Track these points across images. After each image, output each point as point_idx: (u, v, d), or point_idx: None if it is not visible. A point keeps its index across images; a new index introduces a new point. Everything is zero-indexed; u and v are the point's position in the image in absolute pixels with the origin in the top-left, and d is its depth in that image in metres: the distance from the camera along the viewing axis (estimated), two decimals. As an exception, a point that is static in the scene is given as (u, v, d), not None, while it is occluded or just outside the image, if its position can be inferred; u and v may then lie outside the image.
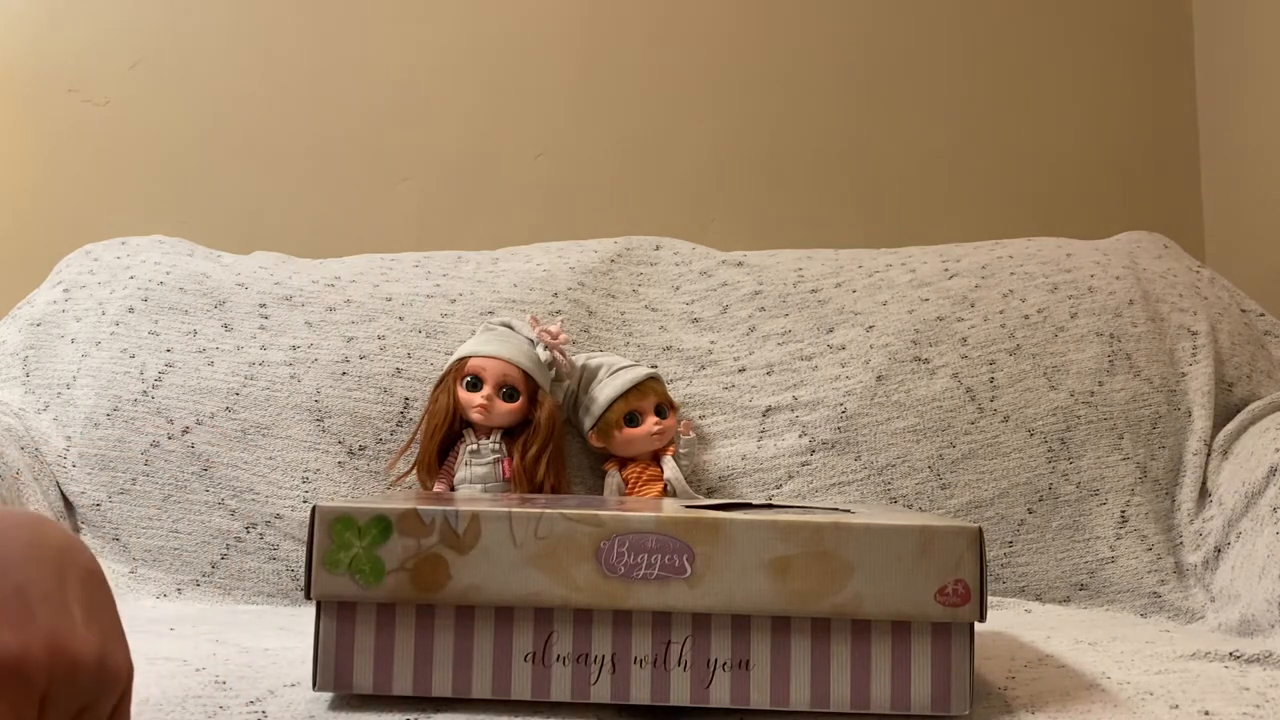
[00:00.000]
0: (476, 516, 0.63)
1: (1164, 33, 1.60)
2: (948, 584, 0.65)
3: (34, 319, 1.16)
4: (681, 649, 0.64)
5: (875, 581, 0.65)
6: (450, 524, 0.63)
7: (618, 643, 0.64)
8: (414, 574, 0.62)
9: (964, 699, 0.65)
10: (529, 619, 0.63)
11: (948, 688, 0.65)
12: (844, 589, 0.64)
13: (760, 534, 0.64)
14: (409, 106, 1.49)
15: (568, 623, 0.64)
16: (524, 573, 0.63)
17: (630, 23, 1.53)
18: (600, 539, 0.63)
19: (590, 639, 0.64)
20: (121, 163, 1.45)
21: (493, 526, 0.63)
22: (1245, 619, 0.94)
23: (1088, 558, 1.09)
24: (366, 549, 0.63)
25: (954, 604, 0.65)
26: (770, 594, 0.64)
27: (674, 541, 0.64)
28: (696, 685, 0.64)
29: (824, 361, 1.17)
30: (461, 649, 0.63)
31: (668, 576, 0.63)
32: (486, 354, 1.06)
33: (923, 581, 0.65)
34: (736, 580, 0.64)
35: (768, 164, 1.54)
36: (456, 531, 0.63)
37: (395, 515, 0.63)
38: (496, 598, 0.63)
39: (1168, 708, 0.66)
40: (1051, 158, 1.58)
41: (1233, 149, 1.53)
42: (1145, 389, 1.16)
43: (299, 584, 1.04)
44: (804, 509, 0.78)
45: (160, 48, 1.46)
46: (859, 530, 0.65)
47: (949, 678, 0.66)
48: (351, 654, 0.63)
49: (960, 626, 0.66)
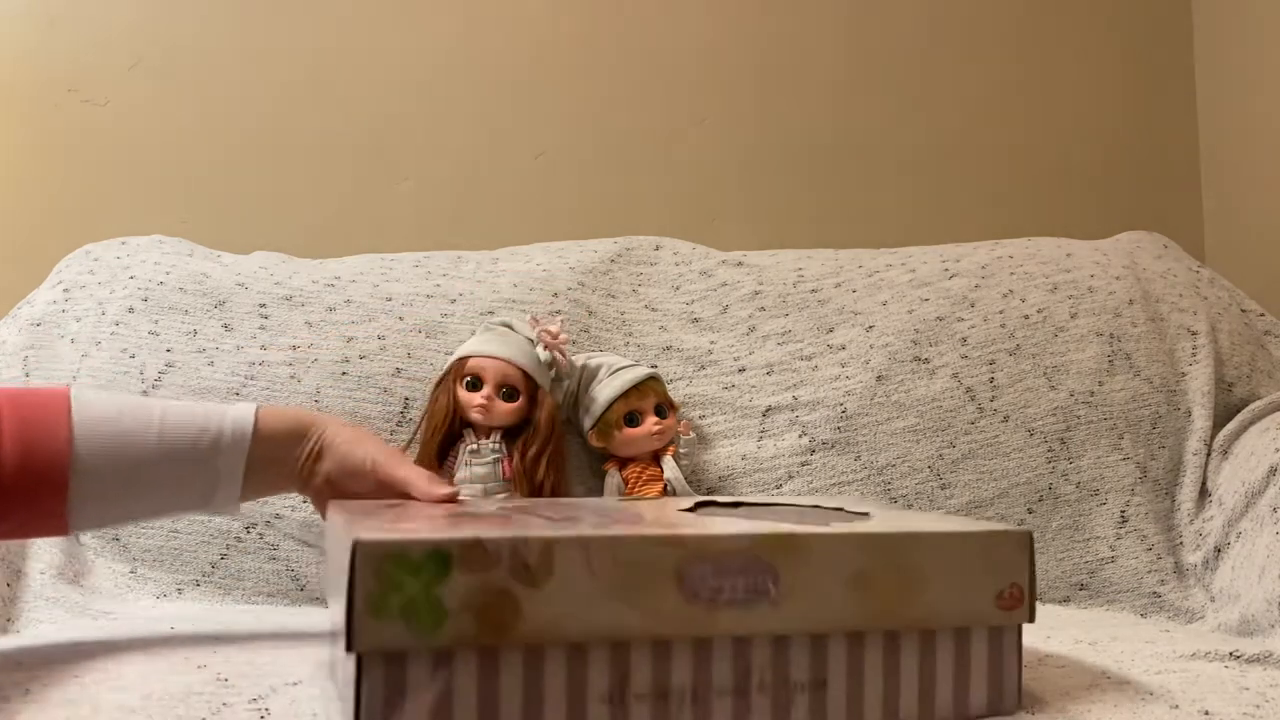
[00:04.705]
0: (549, 545, 0.56)
1: (1164, 33, 1.60)
2: (1005, 588, 0.65)
3: (34, 319, 1.16)
4: (762, 673, 0.60)
5: (946, 590, 0.64)
6: (520, 554, 0.56)
7: (698, 674, 0.59)
8: (480, 615, 0.55)
9: (1014, 698, 0.65)
10: (604, 655, 0.58)
11: (1001, 688, 0.65)
12: (919, 600, 0.63)
13: (840, 548, 0.61)
14: (409, 107, 1.49)
15: (646, 656, 0.58)
16: (602, 604, 0.57)
17: (630, 22, 1.53)
18: (683, 562, 0.58)
19: (670, 672, 0.59)
20: (121, 163, 1.45)
21: (568, 555, 0.56)
22: (1245, 619, 0.94)
23: (1087, 558, 1.09)
24: (424, 589, 0.54)
25: (1010, 607, 0.65)
26: (850, 609, 0.61)
27: (759, 562, 0.59)
28: (778, 711, 0.61)
29: (824, 361, 1.17)
30: (531, 695, 0.56)
31: (752, 599, 0.59)
32: (486, 354, 1.06)
33: (985, 587, 0.65)
34: (818, 598, 0.61)
35: (768, 164, 1.54)
36: (527, 563, 0.56)
37: (456, 547, 0.55)
38: (572, 635, 0.56)
39: (1168, 708, 0.66)
40: (1051, 158, 1.58)
41: (1233, 149, 1.53)
42: (1145, 389, 1.16)
43: (299, 584, 1.04)
44: (812, 508, 0.78)
45: (160, 48, 1.46)
46: (933, 539, 0.63)
47: (1001, 679, 0.65)
48: (402, 709, 0.54)
49: (1012, 628, 0.66)
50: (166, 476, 0.75)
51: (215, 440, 0.75)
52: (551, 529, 0.59)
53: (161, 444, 0.74)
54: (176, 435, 0.74)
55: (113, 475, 0.73)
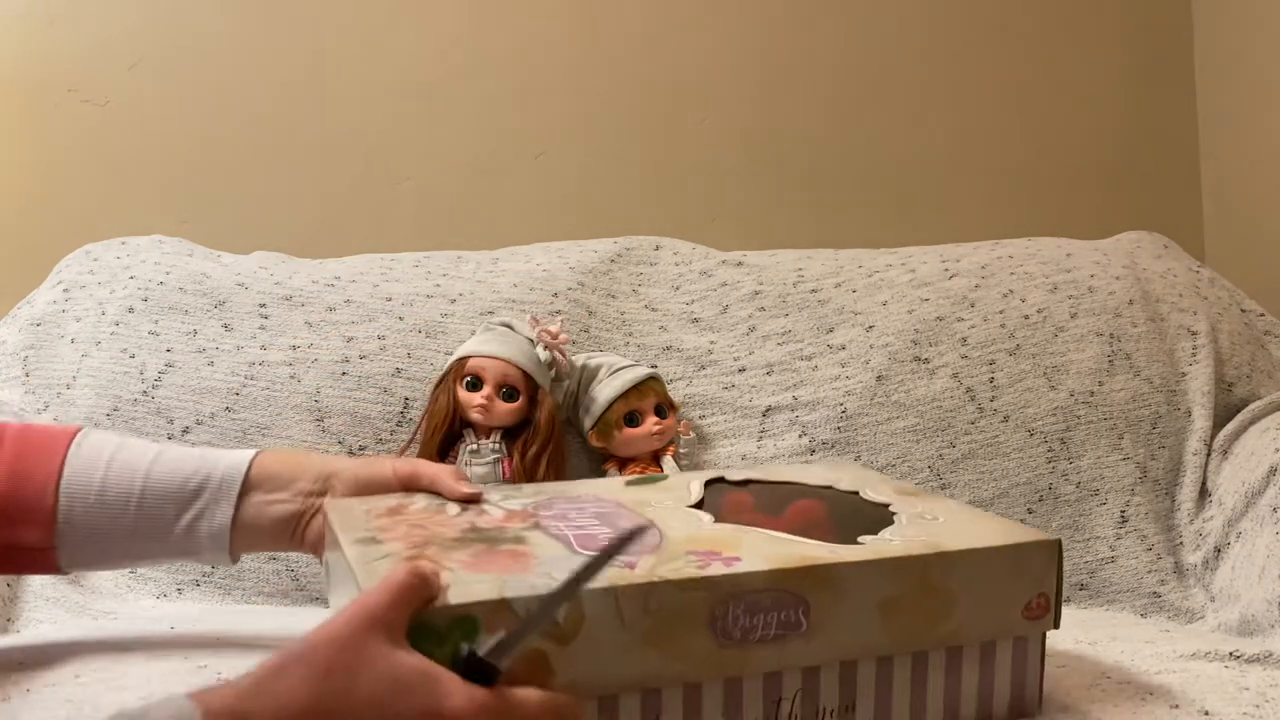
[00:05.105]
0: (578, 601, 0.54)
1: (1164, 33, 1.60)
2: (1032, 598, 0.65)
3: (34, 319, 1.15)
4: (792, 704, 0.59)
5: (975, 608, 0.63)
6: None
7: (729, 711, 0.58)
8: (510, 678, 0.52)
9: (1035, 702, 0.65)
10: (635, 703, 0.56)
11: (1023, 692, 0.65)
12: (948, 619, 0.62)
13: (870, 575, 0.60)
14: (409, 107, 1.49)
15: (677, 700, 0.57)
16: (634, 654, 0.55)
17: (630, 22, 1.52)
18: (716, 605, 0.57)
19: (700, 712, 0.57)
20: (121, 163, 1.45)
21: (598, 608, 0.54)
22: (1245, 619, 0.94)
23: (1088, 558, 1.09)
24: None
25: (1036, 616, 0.65)
26: (880, 634, 0.61)
27: (789, 595, 0.58)
28: None
29: (824, 361, 1.17)
30: None
31: (785, 634, 0.58)
32: (486, 354, 1.06)
33: (1014, 600, 0.64)
34: (849, 626, 0.60)
35: (768, 164, 1.54)
36: (556, 619, 0.54)
37: (482, 612, 0.53)
38: (605, 688, 0.55)
39: (1168, 708, 0.66)
40: (1052, 158, 1.58)
41: (1233, 149, 1.53)
42: (1145, 389, 1.16)
43: (299, 584, 1.04)
44: (826, 489, 0.76)
45: (160, 48, 1.46)
46: (962, 558, 0.62)
47: (1025, 683, 0.65)
48: None
49: (1036, 636, 0.65)
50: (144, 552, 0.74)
51: (193, 523, 0.73)
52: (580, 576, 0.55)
53: (140, 518, 0.72)
54: (155, 510, 0.72)
55: (97, 543, 0.72)
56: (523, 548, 0.61)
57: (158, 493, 0.72)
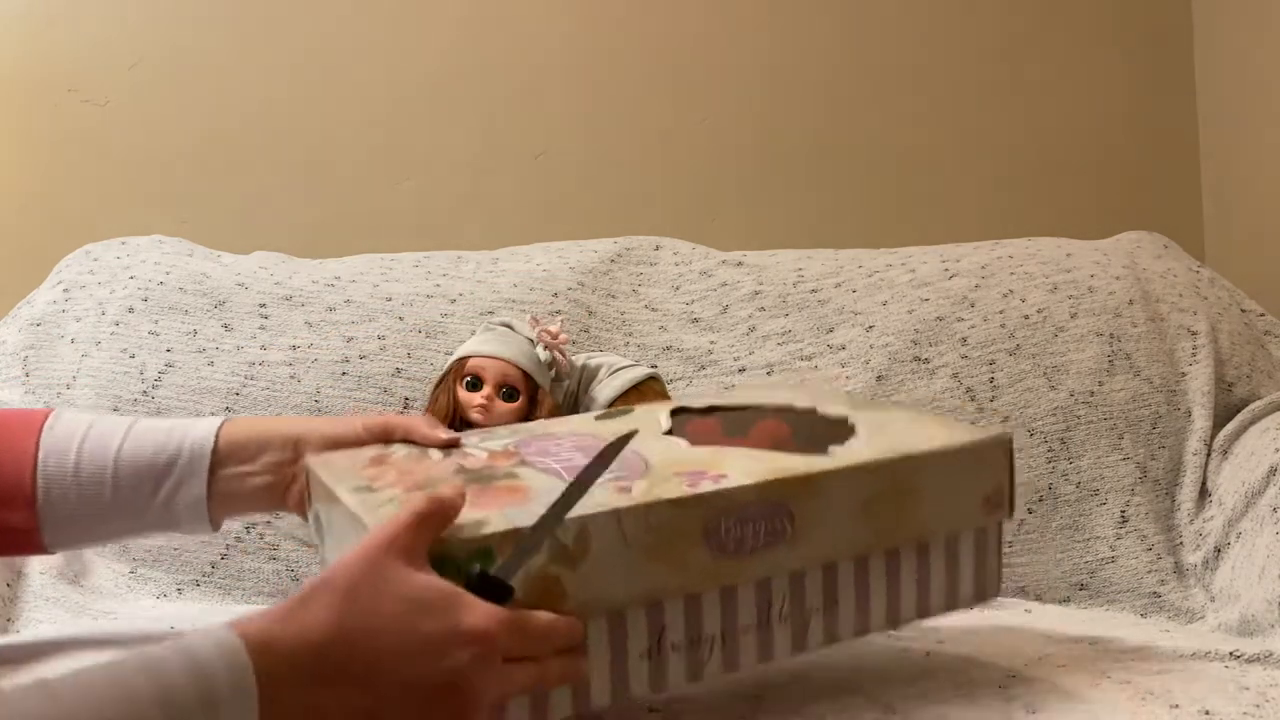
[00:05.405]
0: (585, 524, 0.57)
1: (1164, 33, 1.60)
2: (990, 492, 0.70)
3: (34, 319, 1.16)
4: (781, 606, 0.64)
5: (941, 504, 0.68)
6: (558, 538, 0.57)
7: (726, 618, 0.62)
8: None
9: (995, 584, 0.72)
10: (641, 616, 0.60)
11: (984, 579, 0.71)
12: (917, 517, 0.67)
13: (847, 481, 0.65)
14: (409, 107, 1.49)
15: (679, 611, 0.61)
16: (638, 571, 0.59)
17: (630, 22, 1.52)
18: (709, 519, 0.61)
19: (701, 621, 0.61)
20: (121, 163, 1.45)
21: (603, 530, 0.58)
22: (1245, 619, 0.94)
23: (1088, 557, 1.09)
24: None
25: (993, 508, 0.71)
26: (858, 535, 0.65)
27: (777, 506, 0.62)
28: (796, 636, 0.64)
29: (824, 361, 1.17)
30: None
31: (773, 542, 0.62)
32: (486, 354, 1.06)
33: (974, 493, 0.69)
34: (830, 530, 0.64)
35: (768, 164, 1.54)
36: (565, 545, 0.57)
37: (496, 542, 0.56)
38: (615, 604, 0.59)
39: (1168, 707, 0.66)
40: (1052, 158, 1.58)
41: (1233, 149, 1.53)
42: (1145, 389, 1.16)
43: (299, 584, 1.04)
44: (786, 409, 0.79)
45: (160, 48, 1.46)
46: (928, 459, 0.67)
47: (985, 571, 0.71)
48: None
49: (994, 525, 0.71)
50: (127, 529, 0.76)
51: (169, 498, 0.74)
52: (586, 508, 0.58)
53: (117, 497, 0.74)
54: (131, 488, 0.74)
55: (79, 523, 0.74)
56: (518, 483, 0.64)
57: (130, 470, 0.74)
